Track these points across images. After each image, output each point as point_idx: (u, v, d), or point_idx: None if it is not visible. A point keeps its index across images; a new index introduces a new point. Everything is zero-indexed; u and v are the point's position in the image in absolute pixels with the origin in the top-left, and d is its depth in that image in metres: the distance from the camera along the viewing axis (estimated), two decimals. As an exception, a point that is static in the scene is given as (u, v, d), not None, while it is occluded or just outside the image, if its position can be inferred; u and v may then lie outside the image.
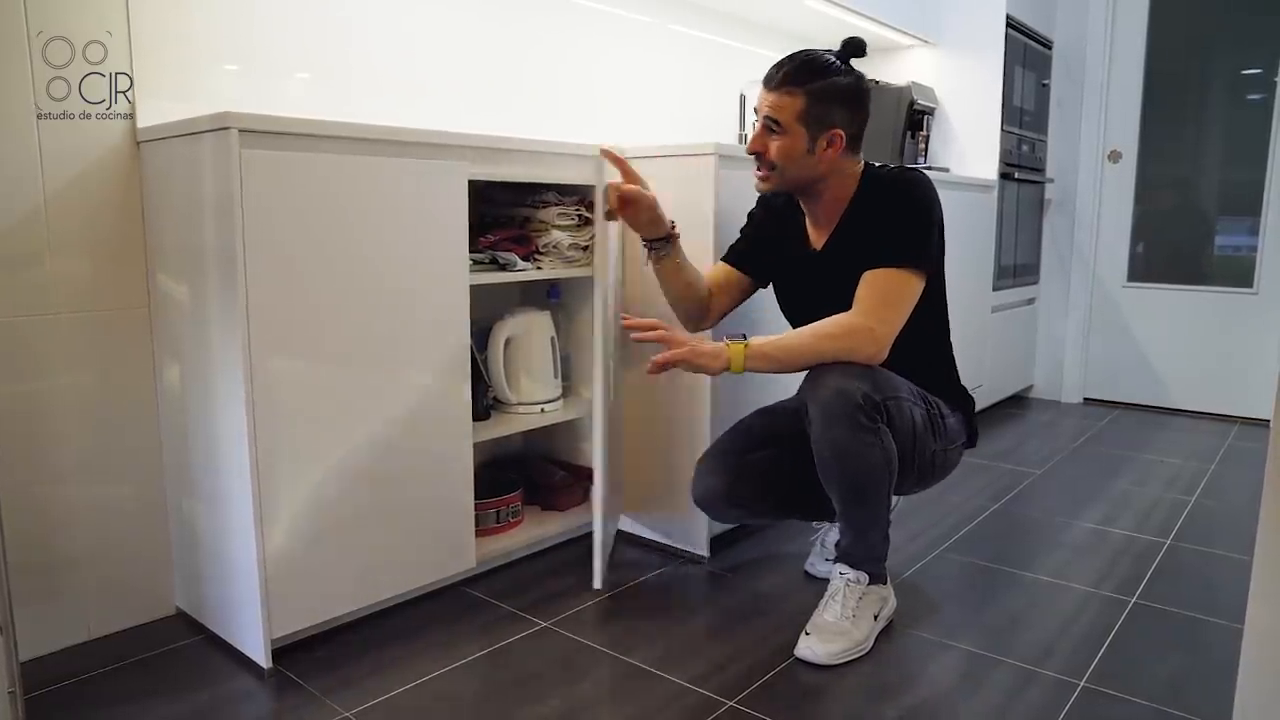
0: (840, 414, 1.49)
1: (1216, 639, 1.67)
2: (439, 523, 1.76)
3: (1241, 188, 3.53)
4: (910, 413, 1.58)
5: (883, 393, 1.52)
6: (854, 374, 1.51)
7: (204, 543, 1.63)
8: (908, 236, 1.58)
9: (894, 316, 1.55)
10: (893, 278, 1.56)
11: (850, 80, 1.60)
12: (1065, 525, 2.31)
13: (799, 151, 1.60)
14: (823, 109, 1.58)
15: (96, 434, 1.62)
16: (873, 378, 1.52)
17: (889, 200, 1.61)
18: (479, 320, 1.83)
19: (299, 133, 1.45)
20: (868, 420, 1.49)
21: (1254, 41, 3.47)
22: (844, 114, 1.60)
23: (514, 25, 2.32)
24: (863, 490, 1.54)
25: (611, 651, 1.61)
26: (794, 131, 1.59)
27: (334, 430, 1.56)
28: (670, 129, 2.83)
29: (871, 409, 1.50)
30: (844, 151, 1.61)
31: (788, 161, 1.61)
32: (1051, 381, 3.98)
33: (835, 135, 1.59)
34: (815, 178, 1.64)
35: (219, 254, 1.43)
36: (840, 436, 1.50)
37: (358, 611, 1.69)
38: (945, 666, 1.57)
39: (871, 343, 1.53)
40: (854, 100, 1.61)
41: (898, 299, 1.56)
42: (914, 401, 1.60)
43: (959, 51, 3.52)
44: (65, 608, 1.61)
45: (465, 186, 1.71)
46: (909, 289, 1.57)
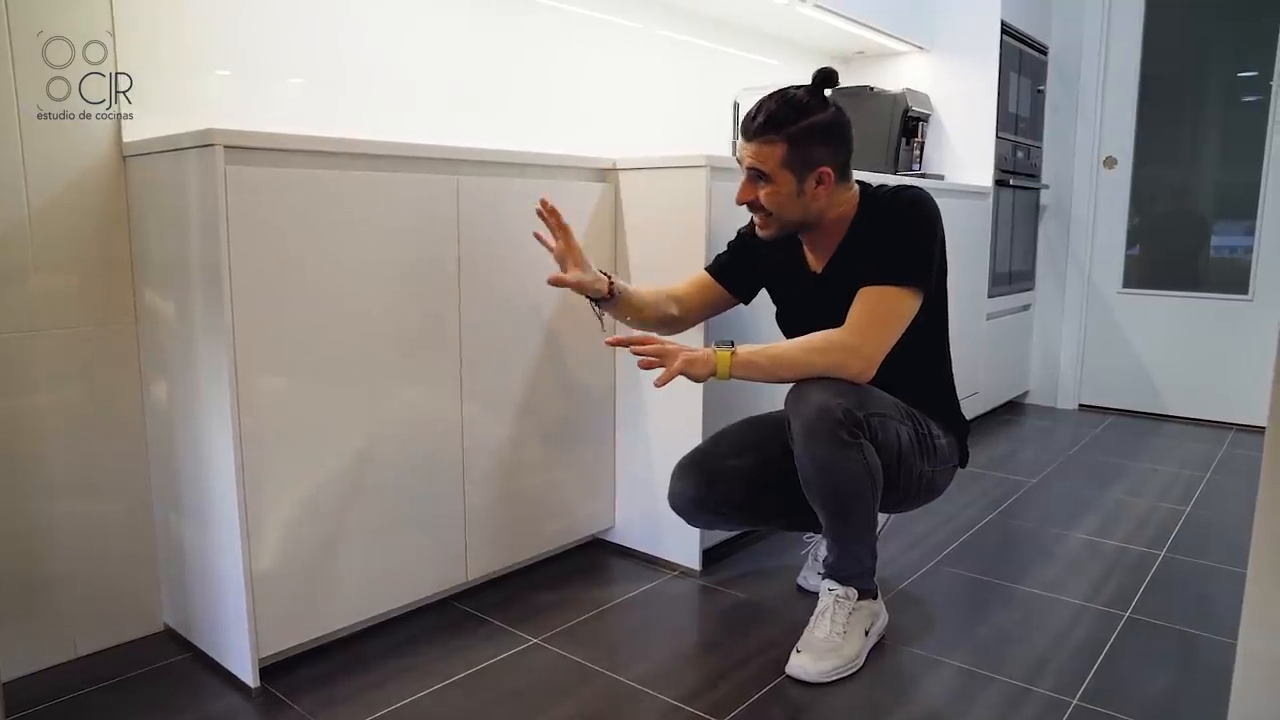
0: (821, 429, 1.47)
1: (1209, 654, 1.66)
2: (429, 537, 1.75)
3: (1237, 191, 3.53)
4: (896, 431, 1.57)
5: (866, 409, 1.51)
6: (838, 390, 1.50)
7: (191, 559, 1.62)
8: (903, 254, 1.56)
9: (884, 334, 1.53)
10: (885, 295, 1.54)
11: (827, 115, 1.56)
12: (1059, 536, 2.30)
13: (789, 195, 1.57)
14: (805, 151, 1.54)
15: (82, 450, 1.61)
16: (857, 394, 1.51)
17: (887, 218, 1.60)
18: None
19: (285, 148, 1.44)
20: (849, 436, 1.48)
21: (1248, 45, 3.47)
22: (826, 150, 1.56)
23: (506, 31, 2.31)
24: (846, 505, 1.53)
25: (601, 669, 1.60)
26: (780, 178, 1.56)
27: (322, 445, 1.55)
28: (663, 136, 2.82)
29: (854, 425, 1.48)
30: (835, 184, 1.59)
31: (780, 208, 1.59)
32: (1047, 387, 3.98)
33: (823, 174, 1.57)
34: (813, 216, 1.61)
35: (205, 270, 1.42)
36: (822, 452, 1.49)
37: (347, 628, 1.68)
38: (937, 684, 1.56)
39: (859, 360, 1.52)
40: (834, 135, 1.57)
41: (889, 316, 1.54)
42: (900, 420, 1.59)
43: (954, 58, 3.51)
44: (50, 625, 1.60)
45: (455, 199, 1.70)
46: (902, 306, 1.55)
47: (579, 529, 2.11)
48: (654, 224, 1.99)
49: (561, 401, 1.98)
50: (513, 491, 1.91)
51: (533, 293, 1.88)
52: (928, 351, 1.70)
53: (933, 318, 1.66)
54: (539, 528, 2.00)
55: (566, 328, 1.95)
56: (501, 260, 1.80)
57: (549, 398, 1.95)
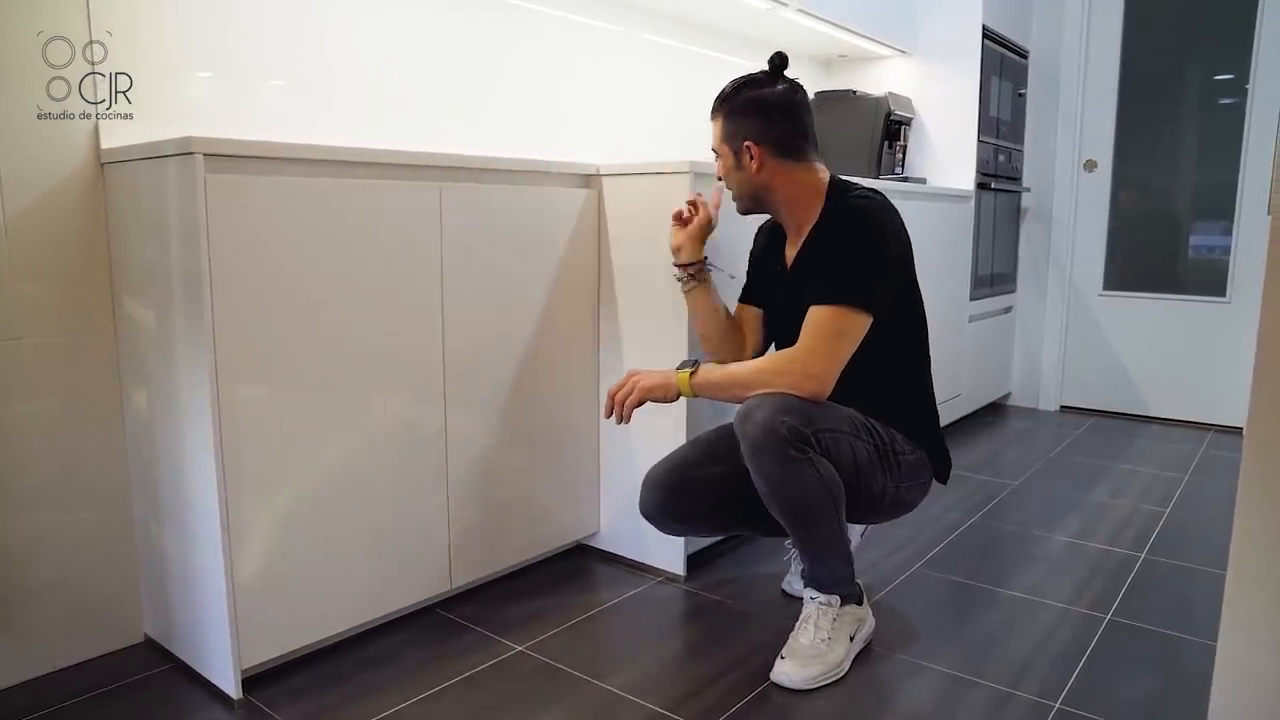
0: (767, 447, 1.47)
1: (1190, 657, 1.68)
2: (413, 545, 1.74)
3: (1215, 192, 3.57)
4: (850, 446, 1.55)
5: (814, 425, 1.49)
6: (784, 407, 1.48)
7: (172, 569, 1.60)
8: (853, 275, 1.54)
9: (833, 354, 1.52)
10: (834, 316, 1.53)
11: (770, 91, 1.63)
12: (1041, 539, 2.31)
13: (730, 169, 1.68)
14: (734, 124, 1.65)
15: (61, 460, 1.59)
16: (804, 411, 1.49)
17: (843, 232, 1.59)
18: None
19: (265, 156, 1.43)
20: (796, 451, 1.46)
21: (1225, 48, 3.51)
22: (753, 123, 1.63)
23: (491, 35, 2.30)
24: (806, 517, 1.53)
25: (586, 676, 1.60)
26: (721, 151, 1.69)
27: (304, 454, 1.54)
28: (649, 140, 2.82)
29: (800, 441, 1.47)
30: (772, 159, 1.63)
31: (728, 181, 1.71)
32: (1028, 389, 4.01)
33: (747, 147, 1.63)
34: (755, 190, 1.68)
35: (185, 278, 1.41)
36: (771, 469, 1.48)
37: (331, 638, 1.66)
38: (921, 689, 1.57)
39: (809, 380, 1.51)
40: (765, 108, 1.62)
41: (837, 338, 1.52)
42: (855, 435, 1.57)
43: (936, 61, 3.53)
44: (29, 638, 1.58)
45: (438, 207, 1.69)
46: (851, 326, 1.53)
47: (563, 535, 2.10)
48: (637, 230, 1.99)
49: (545, 408, 1.98)
50: (496, 498, 1.90)
51: (516, 300, 1.87)
52: (899, 364, 1.68)
53: (903, 330, 1.66)
54: (523, 534, 1.99)
55: (550, 335, 1.95)
56: (485, 266, 1.80)
57: (533, 404, 1.95)
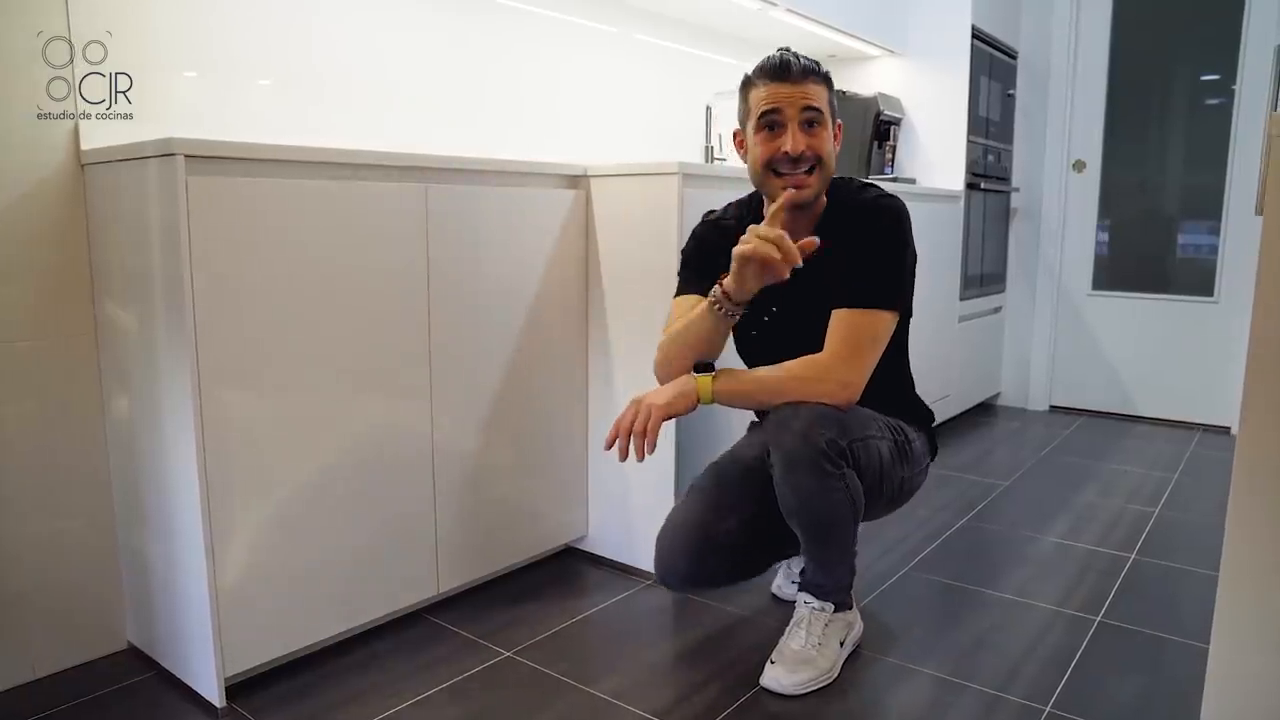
0: (803, 461, 1.43)
1: (1180, 659, 1.67)
2: (399, 549, 1.73)
3: (1203, 192, 3.57)
4: (877, 449, 1.54)
5: (849, 436, 1.47)
6: (820, 419, 1.44)
7: (155, 575, 1.58)
8: (884, 276, 1.51)
9: (868, 361, 1.49)
10: (868, 319, 1.49)
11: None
12: (1031, 540, 2.31)
13: (834, 146, 1.54)
14: (832, 97, 1.55)
15: (42, 465, 1.57)
16: (840, 422, 1.47)
17: (866, 231, 1.53)
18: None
19: (248, 157, 1.42)
20: (832, 466, 1.44)
21: (1212, 49, 3.51)
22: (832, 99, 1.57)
23: (479, 35, 2.28)
24: (828, 531, 1.51)
25: (574, 682, 1.58)
26: (830, 123, 1.52)
27: (289, 458, 1.52)
28: (637, 141, 2.81)
29: (837, 455, 1.44)
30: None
31: (830, 158, 1.52)
32: (1018, 389, 4.01)
33: (839, 126, 1.57)
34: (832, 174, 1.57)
35: (166, 281, 1.39)
36: (804, 483, 1.45)
37: (316, 644, 1.65)
38: (911, 693, 1.56)
39: (845, 389, 1.47)
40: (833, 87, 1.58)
41: (872, 342, 1.49)
42: (880, 436, 1.56)
43: (925, 62, 3.53)
44: (9, 646, 1.56)
45: (424, 208, 1.67)
46: (883, 329, 1.51)
47: (552, 538, 2.09)
48: (626, 231, 1.97)
49: (533, 409, 1.97)
50: (484, 501, 1.89)
51: (503, 302, 1.86)
52: (898, 356, 1.68)
53: (904, 325, 1.65)
54: (511, 537, 1.98)
55: (537, 336, 1.94)
56: (471, 268, 1.78)
57: (520, 406, 1.93)
